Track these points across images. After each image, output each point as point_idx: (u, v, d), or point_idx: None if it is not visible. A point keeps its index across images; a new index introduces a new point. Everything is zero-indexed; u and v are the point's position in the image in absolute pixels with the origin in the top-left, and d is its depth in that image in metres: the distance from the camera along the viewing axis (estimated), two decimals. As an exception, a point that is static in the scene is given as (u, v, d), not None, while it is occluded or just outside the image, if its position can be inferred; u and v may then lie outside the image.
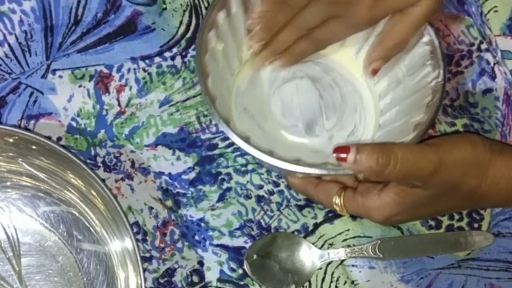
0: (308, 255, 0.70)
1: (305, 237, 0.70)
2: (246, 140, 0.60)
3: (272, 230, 0.70)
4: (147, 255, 0.70)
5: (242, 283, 0.70)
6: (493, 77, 0.71)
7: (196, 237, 0.70)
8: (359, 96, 0.68)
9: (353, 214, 0.66)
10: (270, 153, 0.60)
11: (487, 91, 0.71)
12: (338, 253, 0.69)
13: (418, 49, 0.64)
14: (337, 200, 0.64)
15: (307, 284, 0.70)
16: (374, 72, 0.65)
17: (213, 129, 0.72)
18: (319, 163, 0.64)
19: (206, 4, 0.73)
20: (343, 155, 0.56)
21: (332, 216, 0.70)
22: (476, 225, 0.70)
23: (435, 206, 0.62)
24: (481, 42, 0.71)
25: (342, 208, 0.64)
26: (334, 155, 0.56)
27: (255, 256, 0.70)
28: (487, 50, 0.71)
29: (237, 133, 0.60)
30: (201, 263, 0.70)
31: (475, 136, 0.60)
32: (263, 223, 0.70)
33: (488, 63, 0.71)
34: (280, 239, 0.70)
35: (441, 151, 0.57)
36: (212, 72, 0.64)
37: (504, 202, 0.63)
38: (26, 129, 0.71)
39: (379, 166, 0.56)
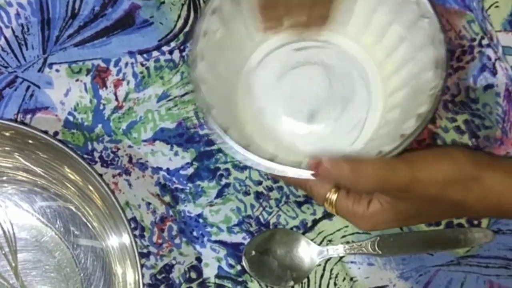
0: (307, 252, 0.69)
1: (304, 233, 0.70)
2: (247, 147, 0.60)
3: (271, 226, 0.70)
4: (145, 251, 0.70)
5: (240, 279, 0.70)
6: (494, 73, 0.70)
7: (194, 233, 0.70)
8: (369, 91, 0.67)
9: (339, 215, 0.65)
10: (272, 158, 0.60)
11: (488, 86, 0.70)
12: (337, 250, 0.69)
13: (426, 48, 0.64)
14: (332, 196, 0.63)
15: (305, 280, 0.70)
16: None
17: (212, 124, 0.71)
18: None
19: (205, -2, 0.72)
20: (315, 168, 0.58)
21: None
22: (476, 222, 0.70)
23: (420, 216, 0.62)
24: (482, 38, 0.71)
25: (332, 206, 0.63)
26: (308, 166, 0.58)
27: (253, 252, 0.69)
28: (488, 45, 0.70)
29: (237, 141, 0.60)
30: (199, 259, 0.70)
31: (458, 150, 0.60)
32: (261, 219, 0.70)
33: (489, 58, 0.70)
34: (278, 235, 0.70)
35: (415, 167, 0.58)
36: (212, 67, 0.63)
37: (495, 214, 0.64)
38: (23, 123, 0.70)
39: (349, 179, 0.57)
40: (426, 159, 0.59)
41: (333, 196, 0.63)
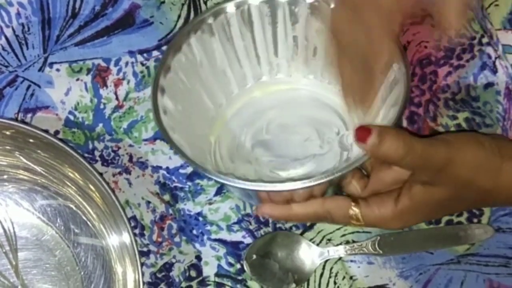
0: (308, 253, 0.69)
1: (303, 232, 0.70)
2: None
3: (270, 225, 0.70)
4: (145, 249, 0.70)
5: (240, 277, 0.70)
6: (494, 71, 0.70)
7: (194, 232, 0.70)
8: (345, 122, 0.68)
9: (368, 225, 0.63)
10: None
11: (489, 85, 0.70)
12: (337, 251, 0.69)
13: None
14: (355, 210, 0.62)
15: (305, 279, 0.70)
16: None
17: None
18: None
19: (205, -3, 0.72)
20: (364, 137, 0.56)
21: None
22: (475, 220, 0.69)
23: (448, 206, 0.61)
24: (482, 36, 0.71)
25: (359, 220, 0.62)
26: (354, 135, 0.56)
27: (254, 256, 0.69)
28: (488, 44, 0.70)
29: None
30: (199, 257, 0.70)
31: (483, 137, 0.59)
32: (261, 218, 0.70)
33: (490, 57, 0.70)
34: (279, 238, 0.69)
35: (451, 148, 0.57)
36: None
37: None
38: (23, 122, 0.71)
39: (397, 155, 0.55)
40: (460, 142, 0.57)
41: (356, 210, 0.61)
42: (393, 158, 0.56)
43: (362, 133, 0.56)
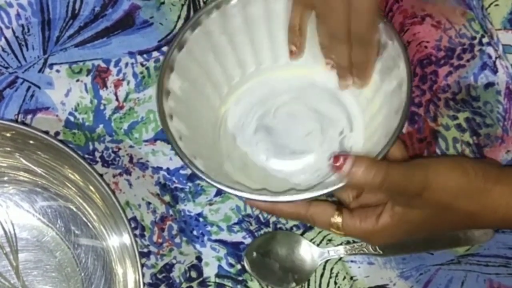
0: (308, 253, 0.69)
1: (303, 232, 0.70)
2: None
3: (271, 225, 0.70)
4: (145, 250, 0.70)
5: (240, 278, 0.70)
6: (494, 71, 0.70)
7: (194, 232, 0.70)
8: (348, 117, 0.68)
9: (348, 236, 0.66)
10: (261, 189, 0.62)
11: (489, 85, 0.70)
12: (338, 251, 0.69)
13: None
14: (336, 219, 0.63)
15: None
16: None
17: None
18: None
19: (205, -2, 0.72)
20: (339, 164, 0.57)
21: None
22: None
23: (429, 227, 0.62)
24: (482, 36, 0.70)
25: (339, 229, 0.64)
26: (330, 162, 0.58)
27: (254, 254, 0.69)
28: (488, 44, 0.70)
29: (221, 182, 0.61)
30: (199, 258, 0.70)
31: (468, 162, 0.60)
32: (261, 218, 0.70)
33: (490, 57, 0.70)
34: (279, 237, 0.69)
35: (429, 173, 0.58)
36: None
37: (505, 226, 0.65)
38: (24, 123, 0.71)
39: (372, 183, 0.57)
40: (438, 166, 0.59)
41: (338, 220, 0.63)
42: (369, 185, 0.57)
43: (338, 161, 0.57)
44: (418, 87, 0.71)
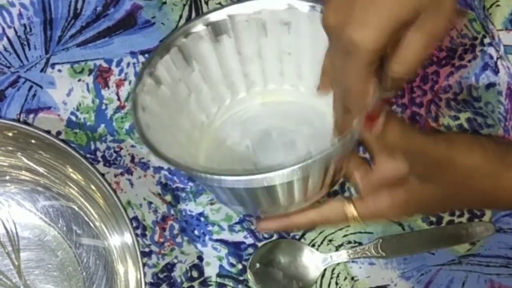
0: (311, 260, 0.69)
1: (304, 233, 0.70)
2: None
3: (272, 225, 0.70)
4: (147, 250, 0.70)
5: (241, 278, 0.70)
6: (496, 71, 0.70)
7: (196, 232, 0.70)
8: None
9: (365, 221, 0.64)
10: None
11: (490, 85, 0.70)
12: (340, 255, 0.69)
13: None
14: (349, 208, 0.63)
15: (307, 279, 0.70)
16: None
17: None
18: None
19: (206, -2, 0.72)
20: (371, 123, 0.56)
21: (332, 211, 0.70)
22: (476, 221, 0.69)
23: (444, 203, 0.61)
24: (484, 36, 0.70)
25: (356, 219, 0.63)
26: (362, 120, 0.55)
27: (258, 265, 0.69)
28: (490, 44, 0.70)
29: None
30: (200, 258, 0.70)
31: (489, 141, 0.59)
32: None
33: (491, 57, 0.70)
34: (281, 245, 0.69)
35: (452, 147, 0.57)
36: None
37: None
38: (25, 123, 0.71)
39: (400, 141, 0.56)
40: (461, 142, 0.58)
41: (352, 209, 0.62)
42: (397, 142, 0.57)
43: (370, 117, 0.56)
44: (420, 87, 0.71)
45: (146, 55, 0.72)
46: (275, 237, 0.70)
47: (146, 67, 0.62)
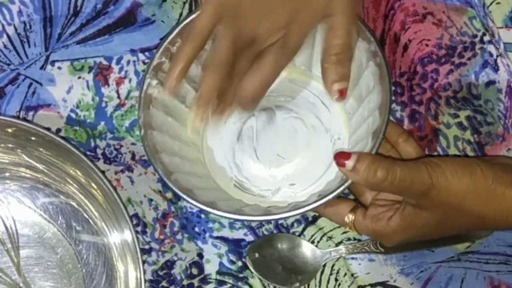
0: (310, 256, 0.69)
1: (304, 228, 0.70)
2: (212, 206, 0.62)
3: (272, 222, 0.70)
4: (147, 247, 0.70)
5: (241, 275, 0.70)
6: (495, 69, 0.70)
7: (196, 229, 0.70)
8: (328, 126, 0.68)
9: (360, 233, 0.67)
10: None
11: (490, 83, 0.70)
12: (340, 251, 0.69)
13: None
14: (349, 218, 0.65)
15: (306, 277, 0.70)
16: (342, 93, 0.61)
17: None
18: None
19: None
20: (343, 161, 0.58)
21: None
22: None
23: (442, 228, 0.62)
24: (484, 34, 0.70)
25: (352, 228, 0.65)
26: (335, 160, 0.59)
27: (256, 255, 0.69)
28: (490, 42, 0.70)
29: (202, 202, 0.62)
30: (200, 255, 0.70)
31: (477, 165, 0.59)
32: (262, 216, 0.70)
33: (491, 55, 0.70)
34: (280, 240, 0.69)
35: (435, 173, 0.58)
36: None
37: None
38: (25, 120, 0.71)
39: (375, 179, 0.58)
40: (446, 166, 0.58)
41: (352, 218, 0.65)
42: (372, 182, 0.58)
43: (341, 157, 0.58)
44: (419, 85, 0.71)
45: (146, 53, 0.72)
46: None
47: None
